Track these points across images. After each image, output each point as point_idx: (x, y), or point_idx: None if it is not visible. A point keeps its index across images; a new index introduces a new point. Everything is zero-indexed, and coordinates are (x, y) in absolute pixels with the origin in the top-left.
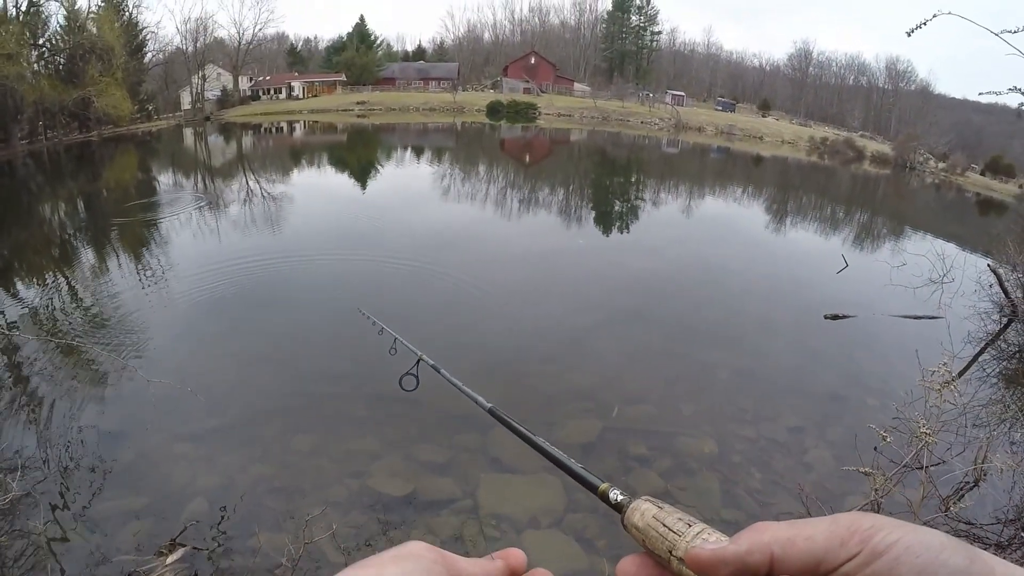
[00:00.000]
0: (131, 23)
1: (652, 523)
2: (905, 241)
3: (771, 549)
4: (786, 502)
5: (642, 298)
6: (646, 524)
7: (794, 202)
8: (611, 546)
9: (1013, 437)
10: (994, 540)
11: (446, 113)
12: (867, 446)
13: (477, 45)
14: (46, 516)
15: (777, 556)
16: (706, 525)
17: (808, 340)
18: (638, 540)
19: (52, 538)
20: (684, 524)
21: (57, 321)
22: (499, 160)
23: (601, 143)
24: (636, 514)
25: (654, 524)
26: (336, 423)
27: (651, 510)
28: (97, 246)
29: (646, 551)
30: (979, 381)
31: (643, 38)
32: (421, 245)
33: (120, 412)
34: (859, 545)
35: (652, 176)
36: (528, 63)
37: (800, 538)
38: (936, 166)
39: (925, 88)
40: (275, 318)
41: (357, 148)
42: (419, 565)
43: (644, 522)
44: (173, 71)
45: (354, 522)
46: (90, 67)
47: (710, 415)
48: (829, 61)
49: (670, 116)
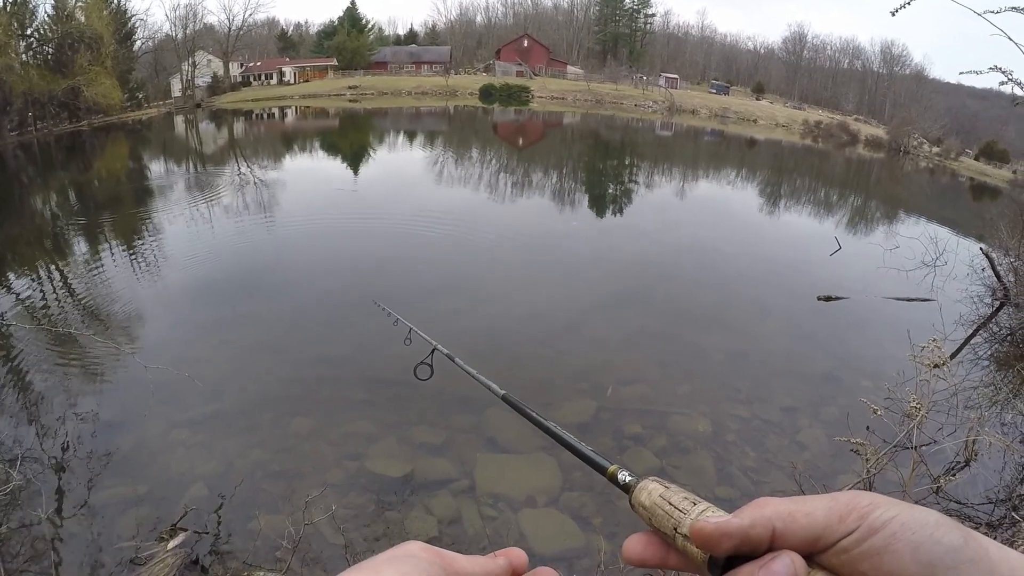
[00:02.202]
0: (119, 10)
1: (658, 502)
2: (898, 224)
3: (772, 524)
4: (779, 480)
5: (636, 281)
6: (652, 503)
7: (788, 185)
8: (607, 523)
9: (1004, 419)
10: (984, 519)
11: (438, 97)
12: (859, 425)
13: (469, 28)
14: (47, 505)
15: (778, 530)
16: (710, 504)
17: (801, 322)
18: (644, 519)
19: (53, 527)
20: (689, 503)
21: (51, 310)
22: (492, 144)
23: (595, 126)
24: (643, 493)
25: (660, 503)
26: (334, 406)
27: (658, 489)
28: (89, 235)
29: (652, 529)
30: (971, 363)
31: (637, 20)
32: (412, 229)
33: (118, 400)
34: (857, 521)
35: (646, 159)
36: (521, 46)
37: (800, 513)
38: (930, 150)
39: (920, 72)
40: (272, 303)
41: (349, 133)
42: (416, 566)
43: (651, 501)
44: (163, 58)
45: (353, 503)
46: (79, 56)
47: (704, 395)
48: (824, 44)
49: (664, 99)
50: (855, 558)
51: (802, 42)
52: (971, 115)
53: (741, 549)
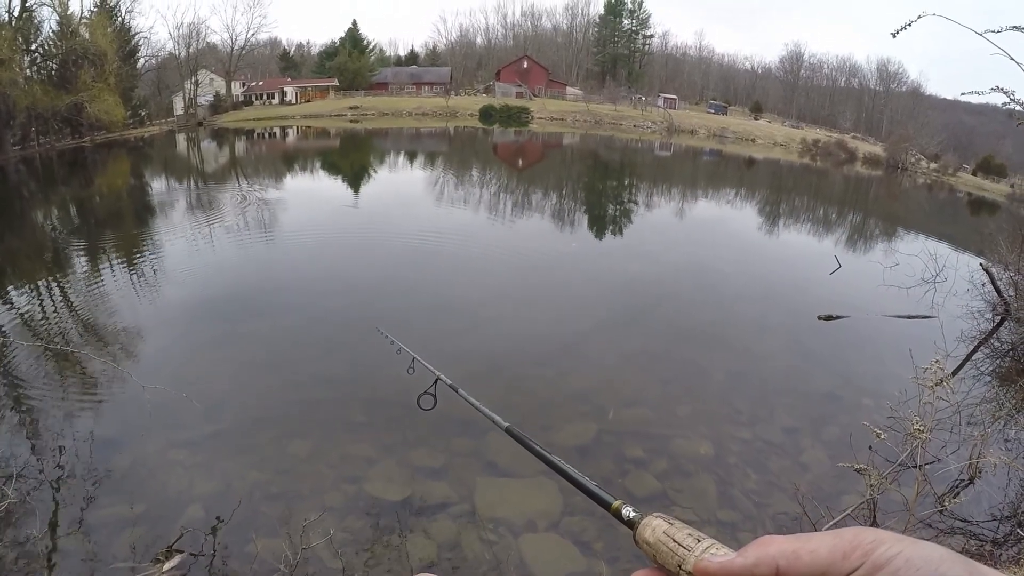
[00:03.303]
0: (124, 28)
1: (663, 538)
2: (898, 241)
3: (776, 562)
4: (782, 502)
5: (636, 301)
6: (657, 539)
7: (787, 204)
8: (608, 548)
9: (1007, 435)
10: (990, 537)
11: (439, 117)
12: (862, 444)
13: (470, 49)
14: (42, 524)
15: (782, 569)
16: (715, 540)
17: (802, 341)
18: (649, 555)
19: (48, 546)
20: (693, 539)
21: (50, 326)
22: (492, 164)
23: (594, 146)
24: (647, 530)
25: (664, 539)
26: (332, 428)
27: (662, 526)
28: (90, 251)
29: (656, 566)
30: (973, 379)
31: (635, 42)
32: (412, 249)
33: (115, 419)
34: (861, 558)
35: (645, 179)
36: (520, 67)
37: (804, 551)
38: (928, 166)
39: (916, 89)
40: (270, 322)
41: (350, 153)
42: None
43: (655, 537)
44: (166, 76)
45: (351, 527)
46: (83, 72)
47: (705, 417)
48: (820, 63)
49: (662, 119)
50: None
51: (799, 61)
52: (968, 130)
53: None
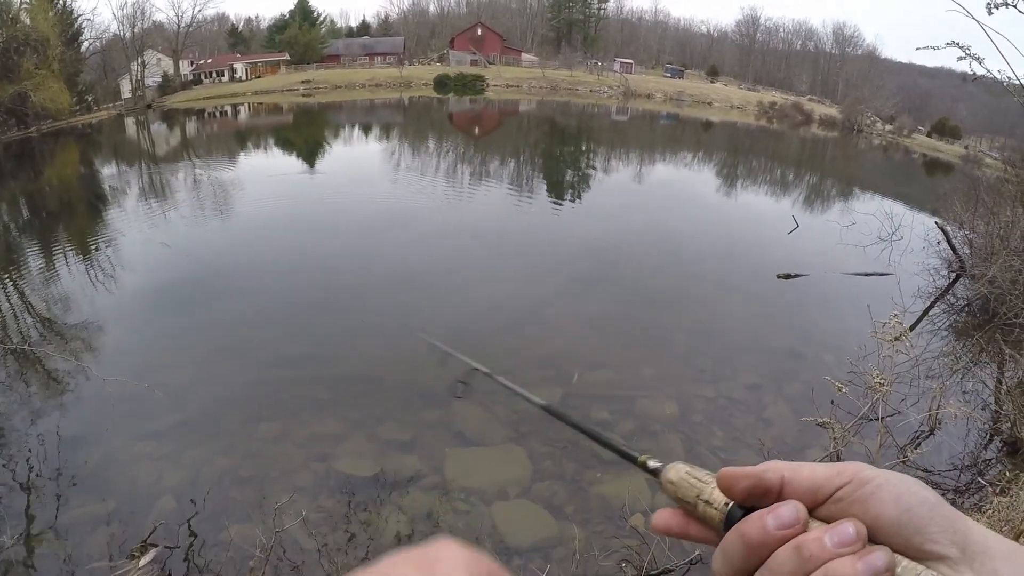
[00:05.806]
0: (65, 11)
1: (684, 476)
2: (854, 201)
3: (782, 472)
4: (748, 457)
5: (597, 265)
6: (679, 478)
7: (744, 166)
8: (580, 511)
9: (965, 387)
10: (952, 485)
11: (393, 88)
12: (824, 400)
13: (422, 18)
14: (13, 530)
15: (786, 479)
16: None
17: (763, 300)
18: (671, 493)
19: (23, 551)
20: (711, 477)
21: (7, 327)
22: (448, 133)
23: (550, 113)
24: (672, 471)
25: (686, 477)
26: (298, 407)
27: (684, 468)
28: (43, 245)
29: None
30: (930, 334)
31: (590, 6)
32: (367, 224)
33: (79, 416)
34: (850, 476)
35: (602, 144)
36: (475, 34)
37: (806, 467)
38: (883, 128)
39: (872, 53)
40: (228, 307)
41: (303, 128)
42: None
43: (678, 476)
44: (111, 59)
45: (324, 506)
46: (25, 60)
47: (669, 377)
48: (777, 27)
49: (619, 84)
50: (847, 505)
51: (755, 25)
52: (923, 93)
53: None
